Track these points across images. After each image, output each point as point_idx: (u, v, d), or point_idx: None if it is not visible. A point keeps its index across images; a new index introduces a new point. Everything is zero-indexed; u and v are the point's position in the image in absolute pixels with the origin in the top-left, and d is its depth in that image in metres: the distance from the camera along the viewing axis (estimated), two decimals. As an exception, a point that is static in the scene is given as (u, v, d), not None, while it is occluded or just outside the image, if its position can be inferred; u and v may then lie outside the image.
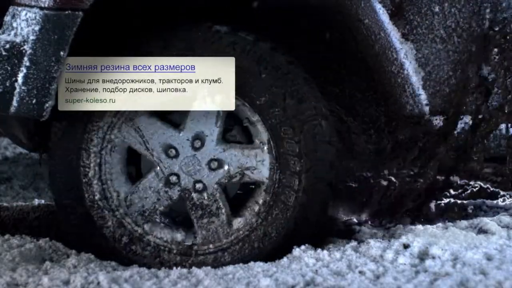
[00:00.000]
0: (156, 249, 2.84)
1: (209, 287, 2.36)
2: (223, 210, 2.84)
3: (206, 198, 2.85)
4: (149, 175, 2.86)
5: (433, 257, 2.49)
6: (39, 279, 2.38)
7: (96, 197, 2.83)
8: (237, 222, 2.85)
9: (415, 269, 2.42)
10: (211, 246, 2.84)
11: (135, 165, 2.92)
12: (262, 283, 2.34)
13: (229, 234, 2.85)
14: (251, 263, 2.64)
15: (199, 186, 2.85)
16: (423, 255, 2.53)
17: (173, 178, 2.85)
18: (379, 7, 2.95)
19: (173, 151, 2.85)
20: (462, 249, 2.51)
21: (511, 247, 2.53)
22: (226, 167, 2.86)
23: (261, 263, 2.60)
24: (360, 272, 2.40)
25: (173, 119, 2.90)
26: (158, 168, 2.85)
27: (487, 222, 2.82)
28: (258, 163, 2.86)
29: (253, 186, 2.89)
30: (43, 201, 3.23)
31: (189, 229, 2.87)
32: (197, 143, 2.86)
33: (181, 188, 2.85)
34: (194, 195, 2.86)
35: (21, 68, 2.64)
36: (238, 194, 2.95)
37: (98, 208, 2.83)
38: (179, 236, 2.86)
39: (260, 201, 2.85)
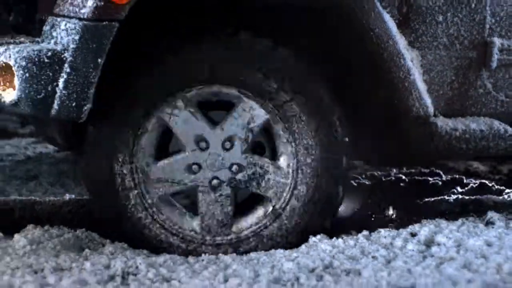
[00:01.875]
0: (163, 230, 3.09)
1: (238, 270, 2.60)
2: (228, 209, 3.08)
3: (217, 194, 3.09)
4: (176, 155, 3.10)
5: (439, 244, 2.74)
6: (82, 264, 2.63)
7: (130, 189, 3.08)
8: (238, 225, 3.11)
9: (422, 254, 2.67)
10: (212, 239, 3.08)
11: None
12: (285, 266, 2.59)
13: (228, 233, 3.09)
14: (273, 250, 2.89)
15: (215, 181, 3.09)
16: (429, 243, 2.79)
17: (195, 168, 3.10)
18: (387, 18, 3.20)
19: (205, 143, 3.10)
20: (464, 237, 2.77)
21: (508, 235, 2.79)
22: (244, 174, 3.11)
23: (281, 250, 2.85)
24: (373, 257, 2.65)
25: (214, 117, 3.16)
26: (187, 152, 3.10)
27: (493, 215, 3.07)
28: (275, 182, 3.12)
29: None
30: (73, 196, 3.47)
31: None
32: (227, 145, 3.11)
33: (197, 177, 3.09)
34: (207, 187, 3.09)
35: (62, 74, 2.89)
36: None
37: (131, 200, 3.08)
38: (185, 222, 3.11)
39: (262, 215, 3.11)
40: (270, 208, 3.10)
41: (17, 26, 4.43)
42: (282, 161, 3.14)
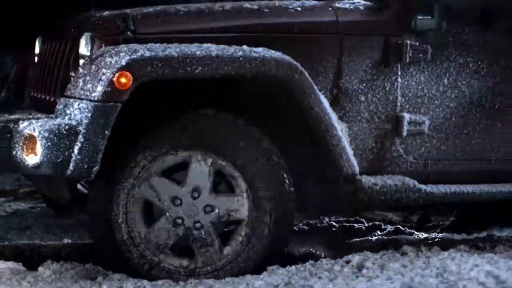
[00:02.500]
0: (169, 272, 3.91)
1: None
2: (216, 241, 3.94)
3: (203, 234, 3.95)
4: (161, 219, 3.94)
5: (367, 268, 3.64)
6: (100, 285, 3.44)
7: (125, 237, 3.89)
8: (227, 250, 3.96)
9: (355, 274, 3.56)
10: (208, 268, 3.93)
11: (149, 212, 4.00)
12: (256, 284, 3.45)
13: (221, 258, 3.95)
14: (242, 275, 3.75)
15: (197, 225, 3.95)
16: (360, 267, 3.68)
17: (179, 221, 3.95)
18: (323, 98, 4.13)
19: (179, 201, 3.95)
20: (385, 262, 3.68)
21: (418, 260, 3.71)
22: (216, 210, 3.97)
23: (249, 275, 3.71)
24: (319, 277, 3.53)
25: (177, 177, 4.01)
26: (168, 214, 3.94)
27: (407, 247, 4.01)
28: (239, 206, 3.99)
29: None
30: (70, 240, 4.26)
31: (192, 256, 3.96)
32: (196, 194, 3.97)
33: (185, 227, 3.95)
34: (194, 232, 3.96)
35: (77, 143, 3.71)
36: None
37: (126, 245, 3.89)
38: (185, 262, 3.94)
39: (242, 233, 3.98)
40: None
41: (7, 101, 5.29)
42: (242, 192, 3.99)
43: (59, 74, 4.30)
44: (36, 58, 4.89)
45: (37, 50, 4.92)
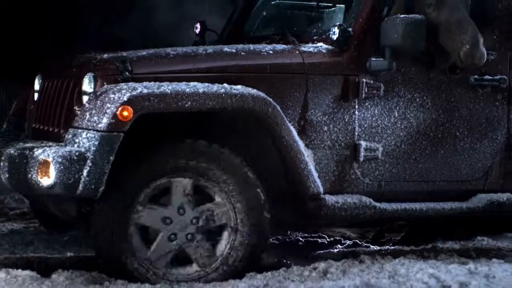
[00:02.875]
0: (174, 281, 4.53)
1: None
2: (207, 245, 4.58)
3: (195, 242, 4.59)
4: (158, 238, 4.57)
5: (331, 272, 4.33)
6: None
7: (129, 259, 4.49)
8: (218, 250, 4.59)
9: (322, 278, 4.24)
10: (207, 269, 4.56)
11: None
12: (240, 285, 4.12)
13: (214, 260, 4.57)
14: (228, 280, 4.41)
15: (189, 236, 4.59)
16: (325, 272, 4.37)
17: (172, 237, 4.59)
18: (292, 128, 4.81)
19: (168, 220, 4.60)
20: (347, 268, 4.38)
21: (374, 265, 4.42)
22: (202, 218, 4.61)
23: (233, 280, 4.37)
24: (292, 280, 4.22)
25: (163, 201, 4.64)
26: (162, 233, 4.58)
27: (364, 256, 4.73)
28: (221, 212, 4.62)
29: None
30: (72, 253, 4.89)
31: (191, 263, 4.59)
32: (181, 211, 4.62)
33: (179, 241, 4.58)
34: (188, 243, 4.59)
35: (85, 167, 4.35)
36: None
37: (131, 262, 4.50)
38: (186, 269, 4.57)
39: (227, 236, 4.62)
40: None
41: (9, 132, 5.90)
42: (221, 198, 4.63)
43: (63, 108, 4.93)
44: (35, 94, 5.50)
45: (36, 87, 5.52)
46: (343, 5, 6.12)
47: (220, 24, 6.45)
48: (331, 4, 6.20)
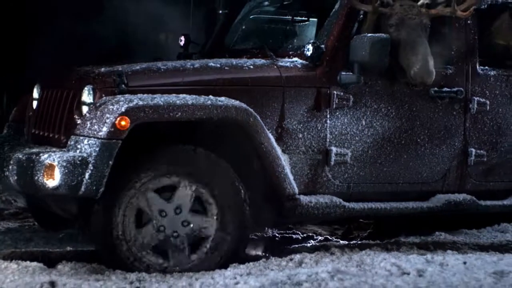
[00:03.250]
0: (147, 266, 5.04)
1: (196, 278, 4.67)
2: (186, 249, 5.11)
3: (178, 241, 5.12)
4: (148, 224, 5.09)
5: (306, 263, 4.89)
6: (109, 276, 4.62)
7: (119, 233, 5.00)
8: (194, 257, 5.11)
9: (297, 268, 4.80)
10: (178, 268, 5.08)
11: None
12: (226, 273, 4.67)
13: (189, 262, 5.08)
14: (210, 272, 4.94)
15: (175, 234, 5.12)
16: (300, 263, 4.93)
17: (161, 228, 5.11)
18: (270, 135, 5.34)
19: (164, 213, 5.12)
20: (319, 258, 4.95)
21: (343, 256, 5.00)
22: (191, 226, 5.16)
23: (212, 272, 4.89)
24: (271, 269, 4.77)
25: (165, 196, 5.16)
26: (154, 222, 5.10)
27: (334, 249, 5.32)
28: (210, 226, 5.15)
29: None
30: (72, 248, 5.42)
31: (166, 257, 5.10)
32: (178, 211, 5.14)
33: (165, 234, 5.12)
34: (171, 239, 5.13)
35: (87, 170, 4.87)
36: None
37: (118, 239, 5.00)
38: (160, 260, 5.08)
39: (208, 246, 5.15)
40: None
41: (9, 137, 6.36)
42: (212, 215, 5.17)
43: (63, 116, 5.44)
44: (34, 102, 6.00)
45: (35, 95, 6.02)
46: (315, 19, 6.73)
47: (202, 37, 6.99)
48: (305, 18, 6.80)
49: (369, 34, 5.55)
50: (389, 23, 5.65)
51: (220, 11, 7.01)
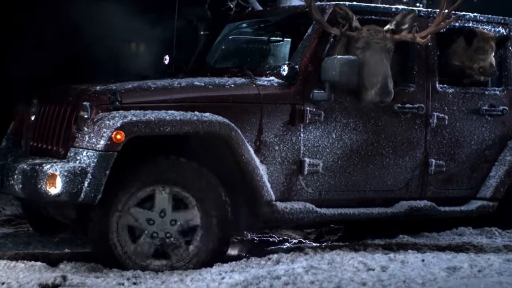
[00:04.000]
0: (155, 270, 5.55)
1: (188, 275, 5.23)
2: (182, 243, 5.66)
3: (173, 240, 5.67)
4: (142, 236, 5.64)
5: (283, 262, 5.47)
6: (107, 274, 5.16)
7: (120, 253, 5.55)
8: (190, 248, 5.65)
9: (275, 265, 5.37)
10: (181, 263, 5.63)
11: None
12: (212, 270, 5.22)
13: (188, 255, 5.65)
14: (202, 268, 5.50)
15: (168, 234, 5.68)
16: (278, 262, 5.50)
17: (154, 235, 5.66)
18: (249, 148, 5.89)
19: (152, 221, 5.67)
20: (295, 258, 5.53)
21: (316, 256, 5.58)
22: (179, 222, 5.70)
23: (205, 268, 5.47)
24: (252, 267, 5.33)
25: (146, 206, 5.70)
26: (146, 231, 5.65)
27: (308, 250, 5.89)
28: (193, 216, 5.70)
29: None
30: (69, 250, 5.95)
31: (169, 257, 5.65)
32: (162, 214, 5.69)
33: (159, 238, 5.66)
34: (166, 240, 5.67)
35: (86, 179, 5.40)
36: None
37: (121, 257, 5.54)
38: (164, 262, 5.63)
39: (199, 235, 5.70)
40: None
41: (8, 148, 6.86)
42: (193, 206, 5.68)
43: (61, 130, 5.96)
44: (32, 116, 6.51)
45: (33, 110, 6.53)
46: (289, 39, 7.33)
47: (186, 54, 7.52)
48: (280, 38, 7.39)
49: (339, 56, 6.10)
50: (356, 46, 6.23)
51: (202, 32, 7.52)
